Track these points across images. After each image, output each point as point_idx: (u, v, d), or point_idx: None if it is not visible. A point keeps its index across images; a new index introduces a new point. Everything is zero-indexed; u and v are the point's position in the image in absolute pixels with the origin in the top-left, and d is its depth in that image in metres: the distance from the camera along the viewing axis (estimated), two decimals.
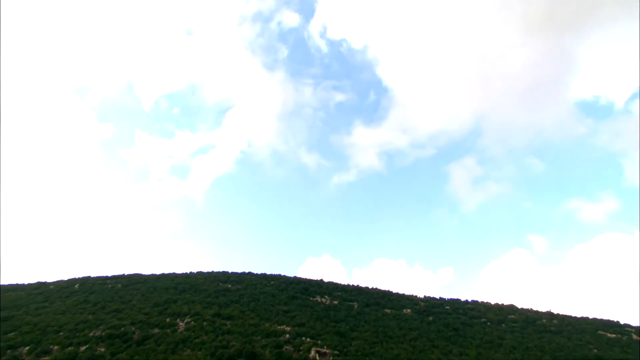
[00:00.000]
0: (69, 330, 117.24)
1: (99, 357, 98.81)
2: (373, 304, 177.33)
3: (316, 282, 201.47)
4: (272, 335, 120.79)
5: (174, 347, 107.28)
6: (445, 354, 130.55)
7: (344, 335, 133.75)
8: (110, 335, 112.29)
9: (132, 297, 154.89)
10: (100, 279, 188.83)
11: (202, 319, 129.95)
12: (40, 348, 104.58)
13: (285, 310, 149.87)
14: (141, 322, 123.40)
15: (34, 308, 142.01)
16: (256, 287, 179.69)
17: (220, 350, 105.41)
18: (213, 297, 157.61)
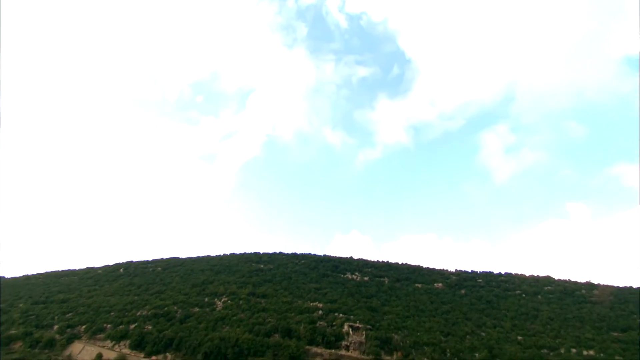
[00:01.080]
0: (118, 310, 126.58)
1: (147, 334, 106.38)
2: (403, 279, 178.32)
3: (346, 260, 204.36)
4: (306, 312, 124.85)
5: (213, 324, 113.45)
6: (478, 326, 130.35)
7: (375, 310, 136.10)
8: (155, 314, 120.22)
9: (171, 279, 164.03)
10: (142, 263, 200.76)
11: (238, 297, 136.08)
12: (95, 327, 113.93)
13: (317, 288, 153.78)
14: (182, 302, 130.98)
15: (86, 291, 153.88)
16: (287, 266, 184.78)
17: (257, 327, 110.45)
18: (247, 277, 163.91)
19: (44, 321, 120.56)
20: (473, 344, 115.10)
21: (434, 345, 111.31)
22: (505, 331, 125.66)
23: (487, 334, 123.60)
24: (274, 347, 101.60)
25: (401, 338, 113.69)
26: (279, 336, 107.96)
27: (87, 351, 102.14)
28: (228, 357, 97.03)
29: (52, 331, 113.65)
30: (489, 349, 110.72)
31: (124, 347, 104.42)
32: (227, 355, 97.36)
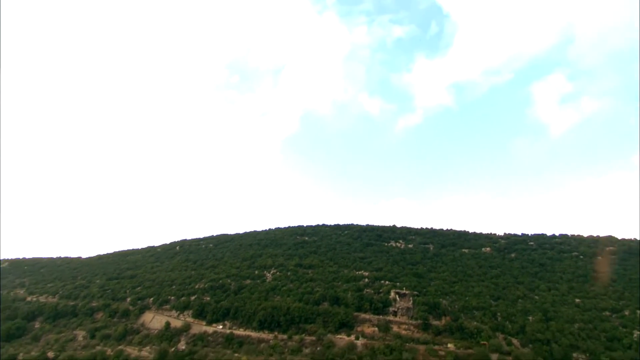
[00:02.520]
0: (179, 283, 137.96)
1: (206, 304, 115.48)
2: (449, 244, 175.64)
3: (389, 228, 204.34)
4: (352, 280, 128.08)
5: (265, 294, 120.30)
6: (531, 289, 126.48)
7: (421, 276, 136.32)
8: (211, 286, 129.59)
9: (223, 255, 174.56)
10: (195, 241, 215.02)
11: (286, 269, 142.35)
12: (161, 299, 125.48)
13: (362, 257, 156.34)
14: (234, 275, 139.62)
15: (150, 267, 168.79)
16: (331, 237, 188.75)
17: (306, 296, 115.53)
18: (293, 249, 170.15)
19: (118, 294, 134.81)
20: (526, 307, 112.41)
21: (484, 309, 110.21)
22: (560, 294, 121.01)
23: (540, 297, 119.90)
24: (323, 314, 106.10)
25: (449, 303, 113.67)
26: (327, 304, 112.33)
27: (156, 320, 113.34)
28: (281, 324, 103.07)
29: (125, 303, 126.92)
30: (543, 311, 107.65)
31: (187, 316, 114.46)
32: (280, 322, 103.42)
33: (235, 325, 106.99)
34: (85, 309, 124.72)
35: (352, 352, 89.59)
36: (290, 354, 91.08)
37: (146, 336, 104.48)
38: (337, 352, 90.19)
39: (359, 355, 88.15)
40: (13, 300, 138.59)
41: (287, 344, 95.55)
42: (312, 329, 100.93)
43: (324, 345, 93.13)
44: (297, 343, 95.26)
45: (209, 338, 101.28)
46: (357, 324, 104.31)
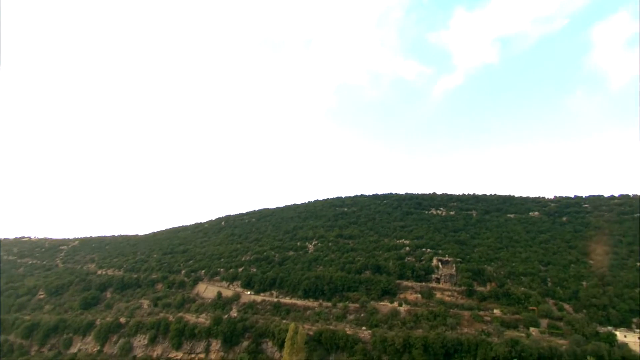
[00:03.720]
0: (227, 256, 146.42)
1: (253, 275, 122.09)
2: (493, 210, 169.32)
3: (429, 196, 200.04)
4: (393, 249, 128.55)
5: (308, 265, 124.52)
6: (585, 254, 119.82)
7: (464, 243, 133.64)
8: (257, 259, 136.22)
9: (266, 228, 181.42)
10: (239, 216, 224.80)
11: (326, 240, 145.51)
12: (212, 271, 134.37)
13: (402, 226, 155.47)
14: (278, 247, 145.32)
15: (199, 242, 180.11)
16: (370, 207, 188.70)
17: (348, 265, 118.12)
18: (332, 220, 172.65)
19: (173, 267, 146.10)
20: (579, 272, 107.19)
21: (532, 275, 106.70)
22: (620, 258, 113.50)
23: (596, 262, 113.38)
24: (365, 282, 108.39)
25: (494, 269, 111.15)
26: (369, 273, 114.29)
27: (209, 290, 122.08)
28: (325, 293, 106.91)
29: (181, 275, 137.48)
30: (599, 276, 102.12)
31: (237, 286, 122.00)
32: (323, 291, 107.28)
33: (282, 294, 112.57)
34: (147, 280, 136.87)
35: (396, 318, 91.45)
36: (335, 320, 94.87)
37: (201, 305, 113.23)
38: (380, 318, 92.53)
39: (402, 321, 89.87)
40: (87, 274, 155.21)
41: (332, 311, 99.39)
42: (355, 296, 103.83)
43: (368, 312, 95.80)
44: (342, 310, 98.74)
45: (258, 306, 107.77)
46: (400, 291, 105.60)
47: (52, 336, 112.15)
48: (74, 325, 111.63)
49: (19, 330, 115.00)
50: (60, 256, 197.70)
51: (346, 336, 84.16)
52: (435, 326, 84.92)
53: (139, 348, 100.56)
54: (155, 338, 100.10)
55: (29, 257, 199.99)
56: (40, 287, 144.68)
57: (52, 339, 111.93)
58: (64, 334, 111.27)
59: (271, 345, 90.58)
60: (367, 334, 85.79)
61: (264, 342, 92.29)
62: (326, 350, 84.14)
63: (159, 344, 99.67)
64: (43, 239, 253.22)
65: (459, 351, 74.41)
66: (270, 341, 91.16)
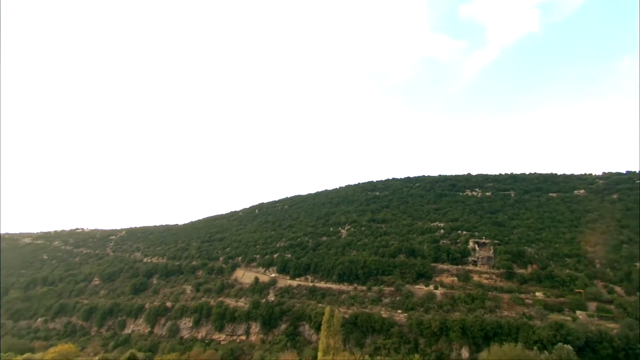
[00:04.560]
0: (262, 243, 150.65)
1: (288, 261, 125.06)
2: (533, 189, 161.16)
3: (463, 177, 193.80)
4: (427, 232, 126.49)
5: (341, 250, 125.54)
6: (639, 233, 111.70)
7: (502, 224, 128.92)
8: (291, 245, 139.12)
9: (298, 214, 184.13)
10: (271, 204, 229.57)
11: (359, 225, 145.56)
12: (248, 257, 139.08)
13: (436, 209, 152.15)
14: (311, 233, 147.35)
15: (235, 230, 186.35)
16: (402, 190, 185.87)
17: (381, 249, 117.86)
18: (364, 205, 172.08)
19: (212, 254, 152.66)
20: (632, 253, 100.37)
21: (578, 257, 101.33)
22: None
23: None
24: (400, 266, 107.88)
25: (536, 251, 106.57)
26: (403, 256, 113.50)
27: (247, 276, 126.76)
28: (359, 277, 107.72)
29: (219, 262, 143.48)
30: None
31: (272, 272, 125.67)
32: (357, 275, 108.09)
33: (317, 279, 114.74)
34: (188, 267, 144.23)
35: (432, 301, 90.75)
36: (370, 303, 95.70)
37: (240, 289, 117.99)
38: (416, 301, 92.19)
39: (438, 304, 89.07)
40: (134, 262, 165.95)
41: (367, 295, 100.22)
42: (389, 280, 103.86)
43: (403, 295, 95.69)
44: (376, 294, 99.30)
45: (294, 290, 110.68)
46: (435, 274, 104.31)
47: (108, 318, 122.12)
48: (126, 308, 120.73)
49: (79, 313, 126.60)
50: (110, 245, 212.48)
51: (382, 319, 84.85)
52: (472, 309, 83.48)
53: (185, 330, 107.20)
54: (199, 321, 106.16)
55: (83, 247, 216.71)
56: (95, 274, 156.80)
57: (108, 320, 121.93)
58: (118, 316, 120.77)
59: (308, 328, 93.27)
60: (402, 317, 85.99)
61: (301, 325, 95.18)
62: (362, 333, 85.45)
63: (202, 326, 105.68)
64: (94, 230, 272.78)
65: (499, 334, 72.86)
66: (307, 324, 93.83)
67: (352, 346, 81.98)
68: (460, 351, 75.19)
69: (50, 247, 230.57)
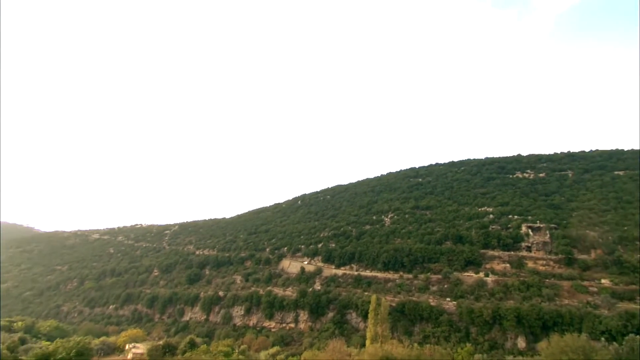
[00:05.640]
0: (305, 233, 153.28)
1: (332, 250, 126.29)
2: (595, 168, 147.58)
3: (513, 158, 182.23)
4: (475, 218, 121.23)
5: (385, 238, 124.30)
6: None
7: (559, 207, 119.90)
8: (334, 234, 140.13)
9: (340, 204, 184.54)
10: (313, 194, 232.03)
11: (403, 212, 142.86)
12: (293, 247, 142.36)
13: (483, 193, 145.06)
14: (354, 222, 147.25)
15: (279, 221, 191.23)
16: (447, 176, 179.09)
17: (427, 237, 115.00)
18: (407, 192, 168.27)
19: (258, 246, 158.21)
20: None
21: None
22: None
23: None
24: (447, 253, 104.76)
25: (600, 234, 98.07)
26: (450, 243, 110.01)
27: (293, 266, 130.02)
28: (405, 265, 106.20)
29: (266, 253, 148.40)
30: None
31: (317, 261, 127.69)
32: (403, 263, 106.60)
33: (361, 268, 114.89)
34: (237, 258, 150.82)
35: (483, 289, 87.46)
36: (417, 291, 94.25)
37: (287, 279, 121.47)
38: (465, 289, 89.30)
39: (490, 292, 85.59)
40: (187, 254, 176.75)
41: (413, 283, 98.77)
42: (436, 267, 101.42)
43: (451, 283, 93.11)
44: (423, 281, 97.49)
45: (340, 279, 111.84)
46: (485, 261, 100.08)
47: (168, 306, 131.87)
48: (183, 297, 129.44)
49: (143, 301, 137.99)
50: (165, 239, 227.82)
51: (430, 307, 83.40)
52: (528, 297, 79.30)
53: (237, 317, 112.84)
54: (250, 309, 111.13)
55: (143, 241, 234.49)
56: (155, 266, 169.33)
57: (168, 308, 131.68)
58: (177, 304, 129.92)
59: (355, 316, 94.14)
60: (452, 305, 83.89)
61: (348, 313, 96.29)
62: (410, 321, 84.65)
63: (253, 314, 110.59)
64: (151, 225, 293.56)
65: (559, 324, 68.68)
66: (354, 312, 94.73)
67: (400, 334, 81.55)
68: (516, 341, 72.01)
69: (115, 241, 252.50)
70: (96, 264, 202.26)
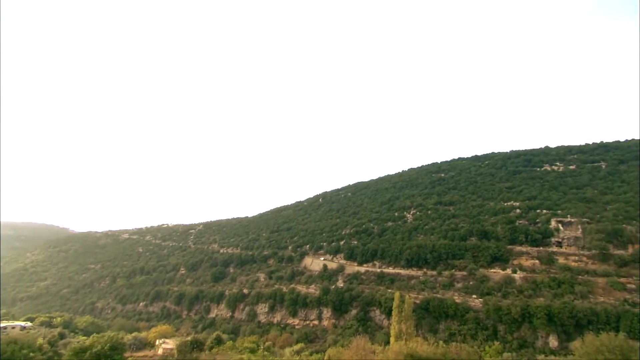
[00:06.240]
0: (327, 231, 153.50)
1: (355, 247, 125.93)
2: (631, 158, 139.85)
3: (540, 150, 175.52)
4: (500, 213, 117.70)
5: (408, 234, 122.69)
6: None
7: (592, 200, 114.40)
8: (356, 231, 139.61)
9: (362, 201, 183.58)
10: (335, 192, 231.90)
11: (425, 208, 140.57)
12: (315, 245, 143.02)
13: (509, 187, 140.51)
14: (376, 219, 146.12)
15: (301, 219, 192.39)
16: (470, 170, 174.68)
17: (450, 233, 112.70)
18: (429, 188, 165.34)
19: (281, 244, 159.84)
20: None
21: None
22: None
23: None
24: (472, 249, 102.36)
25: (638, 229, 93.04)
26: (475, 239, 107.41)
27: (315, 263, 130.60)
28: (428, 261, 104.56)
29: (288, 250, 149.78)
30: None
31: (340, 259, 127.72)
32: (427, 259, 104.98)
33: (384, 265, 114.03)
34: (260, 256, 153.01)
35: (510, 286, 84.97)
36: (442, 288, 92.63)
37: (309, 277, 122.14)
38: (492, 286, 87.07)
39: (518, 289, 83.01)
40: (212, 252, 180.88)
41: (438, 280, 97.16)
42: (461, 264, 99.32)
43: (477, 280, 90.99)
44: (448, 278, 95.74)
45: (362, 276, 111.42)
46: (512, 257, 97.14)
47: (195, 303, 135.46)
48: (209, 295, 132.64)
49: (171, 299, 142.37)
50: (190, 238, 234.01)
51: (455, 304, 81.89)
52: (559, 294, 76.48)
53: (262, 314, 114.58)
54: (274, 306, 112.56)
55: (169, 240, 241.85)
56: (181, 265, 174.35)
57: (195, 305, 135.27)
58: (203, 302, 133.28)
59: (379, 313, 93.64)
60: (478, 302, 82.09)
61: (371, 310, 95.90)
62: (435, 319, 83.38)
63: (277, 312, 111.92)
64: (177, 225, 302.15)
65: (594, 322, 65.89)
66: (377, 309, 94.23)
67: (425, 332, 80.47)
68: (547, 339, 69.62)
69: (143, 241, 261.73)
70: (126, 263, 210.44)
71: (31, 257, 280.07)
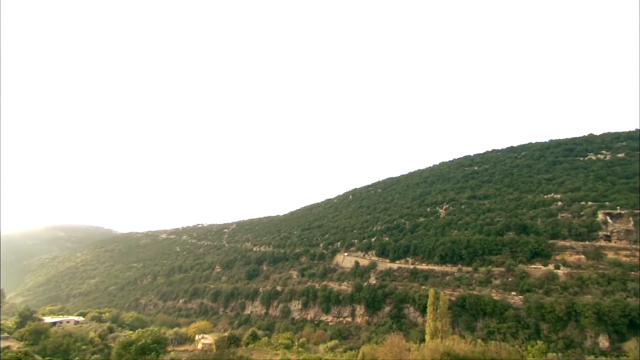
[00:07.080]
0: (358, 228, 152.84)
1: (386, 244, 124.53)
2: None
3: (583, 139, 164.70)
4: (540, 206, 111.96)
5: (441, 230, 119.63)
6: None
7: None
8: (388, 227, 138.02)
9: (392, 197, 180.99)
10: (364, 188, 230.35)
11: (458, 203, 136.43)
12: (347, 242, 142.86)
13: (549, 179, 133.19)
14: (407, 215, 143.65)
15: (331, 217, 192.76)
16: (505, 162, 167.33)
17: (486, 227, 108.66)
18: (462, 182, 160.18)
19: (312, 241, 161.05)
20: None
21: None
22: None
23: None
24: (509, 244, 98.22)
25: None
26: (513, 233, 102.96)
27: (347, 260, 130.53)
28: (463, 257, 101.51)
29: (319, 248, 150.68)
30: None
31: (372, 255, 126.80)
32: (461, 255, 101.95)
33: (417, 261, 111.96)
34: (292, 254, 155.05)
35: (553, 282, 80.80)
36: (478, 285, 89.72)
37: (341, 274, 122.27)
38: (533, 282, 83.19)
39: (562, 286, 78.77)
40: (245, 251, 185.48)
41: (473, 276, 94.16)
42: (498, 260, 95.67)
43: (516, 276, 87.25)
44: (484, 274, 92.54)
45: (395, 273, 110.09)
46: (555, 252, 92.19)
47: (230, 300, 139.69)
48: (244, 292, 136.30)
49: (208, 296, 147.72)
50: (224, 237, 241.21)
51: (493, 302, 79.14)
52: (610, 292, 71.83)
53: (295, 311, 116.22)
54: (307, 303, 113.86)
55: (204, 240, 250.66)
56: (216, 263, 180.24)
57: (231, 302, 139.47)
58: (238, 299, 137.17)
59: (413, 310, 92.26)
60: (518, 299, 78.83)
61: (405, 307, 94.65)
62: (472, 316, 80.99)
63: (310, 308, 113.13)
64: (212, 225, 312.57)
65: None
66: (411, 306, 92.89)
67: (461, 330, 78.41)
68: (597, 340, 65.59)
69: (180, 240, 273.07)
70: (165, 262, 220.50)
71: (81, 256, 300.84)
